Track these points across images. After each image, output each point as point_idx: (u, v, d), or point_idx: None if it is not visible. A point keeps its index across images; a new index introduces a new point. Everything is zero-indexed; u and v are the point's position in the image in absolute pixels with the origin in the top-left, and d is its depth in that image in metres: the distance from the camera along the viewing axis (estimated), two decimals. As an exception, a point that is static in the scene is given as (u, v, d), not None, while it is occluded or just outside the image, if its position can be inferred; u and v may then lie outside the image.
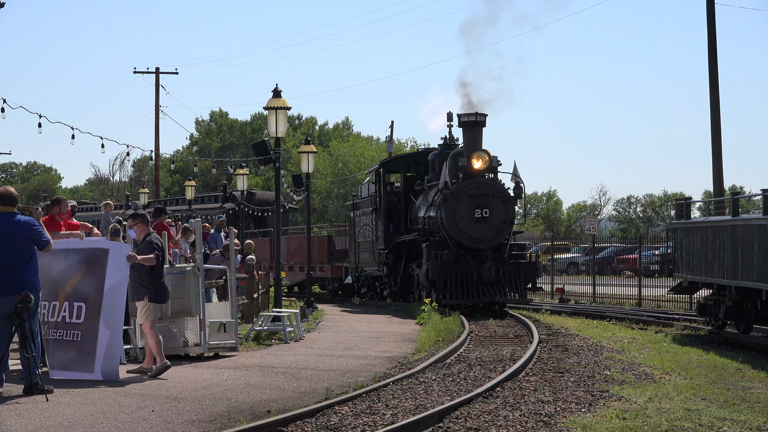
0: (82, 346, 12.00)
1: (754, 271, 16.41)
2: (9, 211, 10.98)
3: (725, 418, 10.03)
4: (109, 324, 11.99)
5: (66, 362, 12.12)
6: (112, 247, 12.41)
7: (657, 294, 28.61)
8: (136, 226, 12.73)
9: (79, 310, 12.06)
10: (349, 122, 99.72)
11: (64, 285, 12.18)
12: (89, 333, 11.98)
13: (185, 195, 42.56)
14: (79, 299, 12.09)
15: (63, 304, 12.11)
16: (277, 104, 19.69)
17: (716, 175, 31.74)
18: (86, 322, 11.99)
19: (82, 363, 11.99)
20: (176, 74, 61.08)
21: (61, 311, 12.11)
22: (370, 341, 17.50)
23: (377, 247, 29.35)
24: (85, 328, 12.00)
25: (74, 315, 12.06)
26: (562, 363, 14.16)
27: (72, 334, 12.05)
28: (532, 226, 76.60)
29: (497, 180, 25.30)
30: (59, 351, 12.15)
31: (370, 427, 9.39)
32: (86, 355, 11.98)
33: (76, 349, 12.04)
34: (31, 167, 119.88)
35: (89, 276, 12.15)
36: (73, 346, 12.05)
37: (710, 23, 31.72)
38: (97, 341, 11.96)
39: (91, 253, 12.34)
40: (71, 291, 12.13)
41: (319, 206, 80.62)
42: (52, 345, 12.20)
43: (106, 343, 11.96)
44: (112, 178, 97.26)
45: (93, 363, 11.96)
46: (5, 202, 11.01)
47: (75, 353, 12.04)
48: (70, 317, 12.07)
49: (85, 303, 12.05)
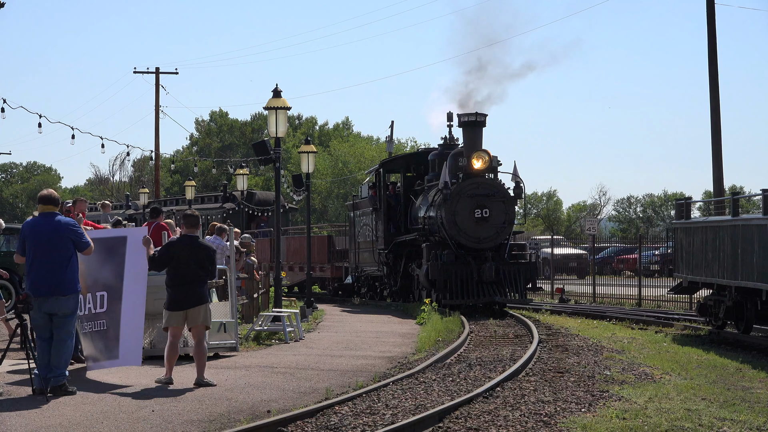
0: (107, 334, 12.09)
1: (754, 271, 16.41)
2: (50, 212, 10.99)
3: (725, 418, 10.03)
4: (130, 309, 12.04)
5: (94, 354, 12.20)
6: (129, 234, 12.46)
7: (657, 294, 28.61)
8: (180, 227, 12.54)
9: (101, 299, 12.13)
10: (349, 122, 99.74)
11: (85, 277, 12.18)
12: (112, 320, 12.05)
13: (185, 195, 42.57)
14: (101, 288, 12.15)
15: (86, 296, 12.15)
16: (277, 104, 19.68)
17: (716, 175, 31.75)
18: (109, 309, 12.07)
19: (109, 350, 12.08)
20: (176, 74, 61.11)
21: (86, 304, 12.15)
22: (370, 341, 17.50)
23: (377, 247, 29.35)
24: (108, 315, 12.07)
25: (98, 305, 12.13)
26: (562, 363, 14.16)
27: (99, 324, 12.13)
28: (532, 226, 76.58)
29: (497, 180, 25.31)
30: (95, 343, 12.21)
31: (370, 427, 9.39)
32: (112, 341, 12.06)
33: (103, 339, 12.13)
34: (31, 167, 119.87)
35: (109, 264, 12.20)
36: (102, 336, 12.14)
37: (710, 23, 31.73)
38: (120, 327, 12.02)
39: (108, 242, 12.40)
40: (92, 282, 12.19)
41: (319, 206, 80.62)
42: (89, 339, 12.24)
43: (128, 328, 12.02)
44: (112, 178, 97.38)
45: (117, 349, 12.03)
46: (46, 201, 11.03)
47: (104, 342, 12.13)
48: (95, 308, 12.14)
49: (107, 291, 12.12)
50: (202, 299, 11.91)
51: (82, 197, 14.84)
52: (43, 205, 11.02)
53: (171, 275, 11.96)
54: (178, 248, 11.92)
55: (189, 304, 11.83)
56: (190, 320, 11.90)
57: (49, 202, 11.04)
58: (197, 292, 11.87)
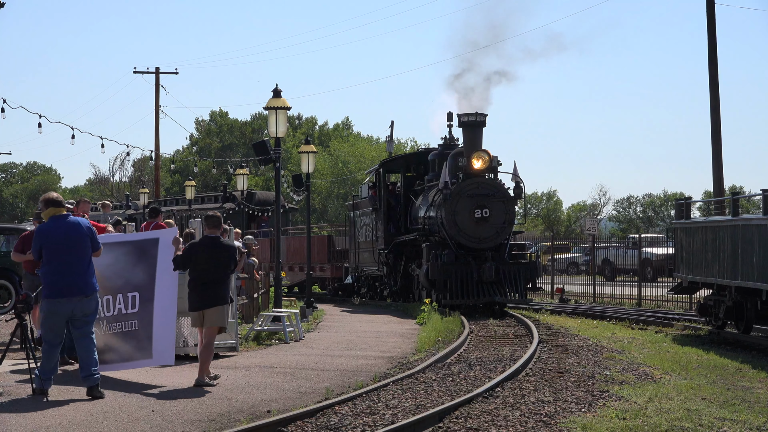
0: (139, 334, 12.13)
1: (754, 271, 16.41)
2: (62, 214, 10.98)
3: (725, 418, 10.03)
4: (162, 309, 12.12)
5: (127, 354, 12.20)
6: (161, 235, 12.51)
7: (657, 294, 28.61)
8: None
9: (133, 300, 12.17)
10: (349, 122, 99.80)
11: (114, 278, 12.24)
12: (145, 320, 12.11)
13: (185, 195, 42.55)
14: (133, 289, 12.19)
15: (117, 297, 12.18)
16: (277, 104, 19.67)
17: (716, 175, 31.75)
18: (141, 309, 12.12)
19: (141, 350, 12.12)
20: (176, 74, 61.12)
21: (115, 304, 12.18)
22: (370, 341, 17.50)
23: (377, 247, 29.34)
24: (141, 316, 12.12)
25: (129, 305, 12.17)
26: (562, 363, 14.16)
27: (130, 324, 12.16)
28: (532, 226, 76.60)
29: (497, 180, 25.31)
30: (122, 343, 12.22)
31: (370, 427, 9.39)
32: (144, 341, 12.11)
33: (135, 339, 12.15)
34: (31, 167, 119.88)
35: (141, 265, 12.25)
36: (133, 335, 12.16)
37: (710, 23, 31.73)
38: (152, 327, 12.09)
39: (139, 244, 12.47)
40: (123, 283, 12.22)
41: (319, 206, 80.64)
42: (115, 339, 12.23)
43: (161, 328, 12.08)
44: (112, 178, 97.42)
45: (150, 349, 12.10)
46: (58, 204, 11.01)
47: (135, 342, 12.15)
48: (126, 308, 12.17)
49: (139, 292, 12.17)
50: (221, 300, 11.94)
51: (84, 198, 14.78)
52: (56, 207, 10.98)
53: (192, 276, 12.06)
54: (198, 249, 11.96)
55: (206, 304, 11.89)
56: (206, 320, 11.96)
57: (58, 205, 11.03)
58: (216, 292, 11.92)
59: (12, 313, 15.25)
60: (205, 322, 11.96)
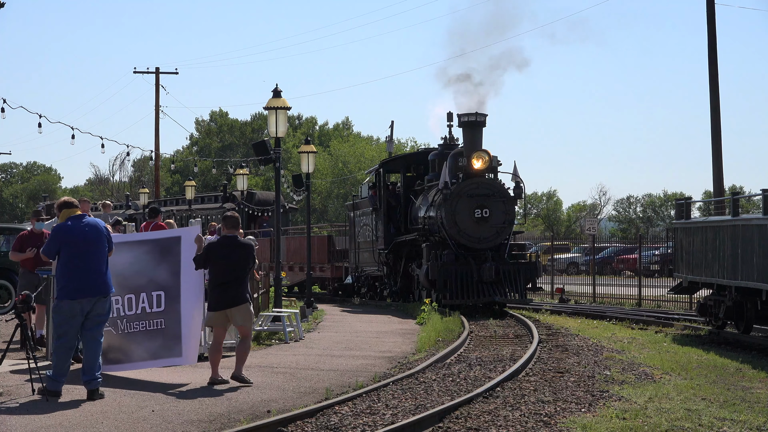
0: (166, 333, 12.18)
1: (754, 271, 16.41)
2: (79, 214, 10.96)
3: (725, 418, 10.03)
4: (188, 308, 12.18)
5: (155, 351, 12.24)
6: (183, 234, 12.54)
7: (657, 294, 28.61)
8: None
9: (158, 299, 12.21)
10: (349, 122, 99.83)
11: (136, 277, 12.27)
12: (172, 319, 12.16)
13: (185, 195, 42.56)
14: (157, 288, 12.23)
15: (140, 296, 12.22)
16: (277, 104, 19.66)
17: (716, 175, 31.76)
18: (167, 309, 12.17)
19: (169, 349, 12.18)
20: (176, 74, 61.12)
21: (139, 303, 12.22)
22: (370, 341, 17.50)
23: (377, 247, 29.34)
24: (167, 315, 12.17)
25: (154, 304, 12.21)
26: (562, 363, 14.16)
27: (155, 323, 12.21)
28: (532, 226, 76.61)
29: (497, 180, 25.31)
30: (146, 341, 12.25)
31: (370, 427, 9.39)
32: (172, 340, 12.17)
33: (161, 337, 12.20)
34: (31, 167, 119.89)
35: (164, 264, 12.28)
36: (159, 334, 12.21)
37: (710, 23, 31.74)
38: (181, 326, 12.16)
39: (161, 243, 12.49)
40: (146, 282, 12.25)
41: (319, 206, 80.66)
42: (137, 337, 12.26)
43: (188, 327, 12.16)
44: (112, 178, 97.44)
45: (180, 347, 12.18)
46: (71, 205, 11.00)
47: (161, 341, 12.20)
48: (150, 307, 12.21)
49: (164, 291, 12.21)
50: (242, 299, 11.96)
51: (84, 198, 14.74)
52: (69, 209, 10.96)
53: (211, 276, 12.08)
54: (217, 249, 11.97)
55: (229, 304, 11.89)
56: (235, 320, 12.00)
57: (74, 206, 11.03)
58: (237, 292, 11.92)
59: (12, 313, 15.27)
60: (234, 321, 12.02)
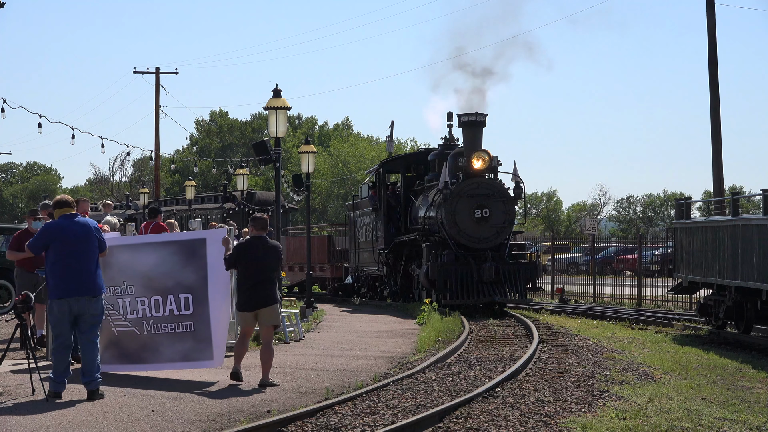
0: (196, 336, 12.20)
1: (754, 271, 16.41)
2: (71, 213, 10.95)
3: (725, 418, 10.03)
4: (216, 311, 12.19)
5: (186, 353, 12.26)
6: (209, 236, 12.53)
7: (657, 294, 28.60)
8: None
9: (186, 302, 12.21)
10: (349, 122, 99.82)
11: (163, 279, 12.27)
12: (201, 322, 12.17)
13: (185, 195, 42.54)
14: (185, 291, 12.22)
15: (167, 298, 12.23)
16: (277, 104, 19.65)
17: (716, 175, 31.76)
18: (196, 311, 12.18)
19: (200, 351, 12.21)
20: (176, 74, 61.05)
21: (167, 305, 12.23)
22: (370, 341, 17.49)
23: (377, 247, 29.34)
24: (195, 318, 12.19)
25: (182, 307, 12.22)
26: (562, 363, 14.16)
27: (184, 325, 12.23)
28: (532, 226, 76.60)
29: (497, 180, 25.31)
30: (177, 343, 12.27)
31: (370, 427, 9.39)
32: (203, 343, 12.19)
33: (191, 340, 12.22)
34: (31, 167, 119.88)
35: (191, 267, 12.26)
36: (188, 336, 12.22)
37: (710, 23, 31.74)
38: (210, 329, 12.17)
39: (187, 245, 12.48)
40: (174, 284, 12.25)
41: (319, 206, 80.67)
42: (166, 338, 12.28)
43: (217, 329, 12.18)
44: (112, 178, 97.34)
45: (211, 350, 12.20)
46: (64, 205, 10.97)
47: (192, 343, 12.22)
48: (178, 309, 12.22)
49: (192, 293, 12.21)
50: (271, 300, 12.01)
51: (83, 197, 14.69)
52: (61, 208, 10.93)
53: (240, 277, 12.10)
54: (245, 250, 11.99)
55: (258, 305, 11.94)
56: (262, 320, 12.05)
57: (68, 205, 10.99)
58: (266, 292, 11.98)
59: (12, 313, 15.26)
60: (260, 322, 12.07)
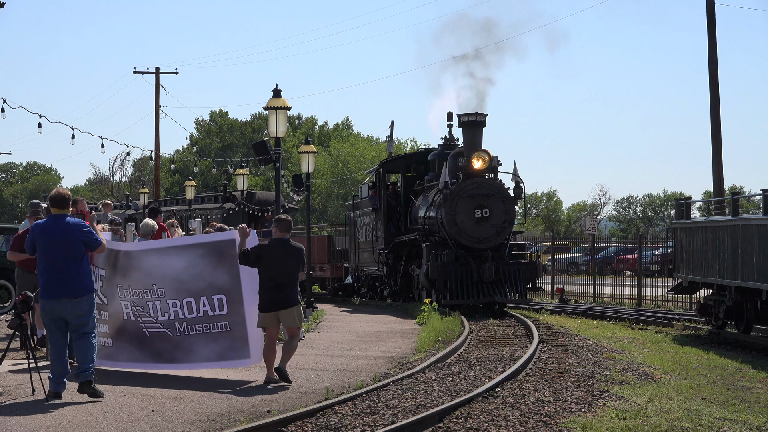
0: (232, 335, 12.26)
1: (754, 271, 16.41)
2: (60, 214, 10.88)
3: (725, 418, 10.03)
4: (251, 309, 12.25)
5: (222, 352, 12.33)
6: (236, 236, 12.54)
7: (657, 294, 28.60)
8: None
9: (220, 302, 12.28)
10: (349, 122, 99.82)
11: (195, 281, 12.32)
12: (237, 322, 12.24)
13: (185, 195, 42.53)
14: (218, 292, 12.28)
15: (200, 300, 12.29)
16: (277, 104, 19.64)
17: (716, 175, 31.76)
18: (231, 311, 12.25)
19: (237, 350, 12.29)
20: (176, 74, 61.03)
21: (200, 306, 12.29)
22: (370, 341, 17.50)
23: (377, 247, 29.33)
24: (231, 318, 12.25)
25: (216, 307, 12.28)
26: (562, 363, 14.16)
27: (220, 325, 12.29)
28: (532, 226, 76.62)
29: (497, 180, 25.30)
30: (211, 343, 12.33)
31: (370, 427, 9.39)
32: (239, 342, 12.27)
33: (228, 339, 12.28)
34: (31, 167, 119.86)
35: (222, 268, 12.31)
36: (225, 336, 12.28)
37: (710, 23, 31.74)
38: (246, 328, 12.24)
39: (216, 246, 12.51)
40: (206, 286, 12.30)
41: (319, 206, 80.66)
42: (200, 339, 12.34)
43: (254, 328, 12.25)
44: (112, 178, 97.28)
45: (248, 349, 12.29)
46: (57, 204, 10.91)
47: (228, 342, 12.28)
48: (213, 310, 12.29)
49: (225, 294, 12.27)
50: (293, 301, 12.12)
51: (81, 196, 14.66)
52: (54, 207, 10.88)
53: (263, 278, 12.13)
54: (268, 251, 12.04)
55: (280, 306, 12.03)
56: (284, 321, 12.16)
57: (60, 205, 10.87)
58: (289, 295, 12.09)
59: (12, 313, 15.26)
60: (283, 322, 12.18)
